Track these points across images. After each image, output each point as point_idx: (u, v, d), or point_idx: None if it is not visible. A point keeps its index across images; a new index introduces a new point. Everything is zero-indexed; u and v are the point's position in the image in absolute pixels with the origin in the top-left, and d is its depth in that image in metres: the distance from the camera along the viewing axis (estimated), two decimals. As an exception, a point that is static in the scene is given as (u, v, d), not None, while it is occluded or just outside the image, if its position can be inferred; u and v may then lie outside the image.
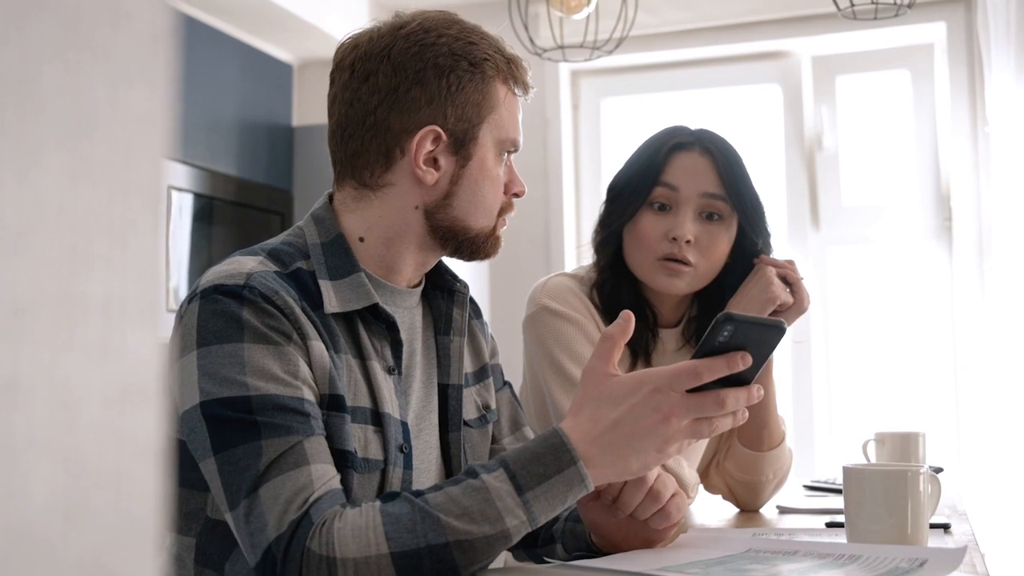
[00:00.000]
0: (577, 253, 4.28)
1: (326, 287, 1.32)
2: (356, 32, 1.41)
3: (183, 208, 3.19)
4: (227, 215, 3.39)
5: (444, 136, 1.35)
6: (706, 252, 1.85)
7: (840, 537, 1.43)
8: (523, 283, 2.56)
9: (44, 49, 0.39)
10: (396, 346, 1.37)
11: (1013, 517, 3.47)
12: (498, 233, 1.43)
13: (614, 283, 1.89)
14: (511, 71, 1.40)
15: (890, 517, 1.35)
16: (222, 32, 3.55)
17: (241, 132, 3.53)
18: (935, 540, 1.46)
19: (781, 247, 4.15)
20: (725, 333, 1.14)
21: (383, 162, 1.37)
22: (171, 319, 1.30)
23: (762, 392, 1.20)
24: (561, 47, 3.11)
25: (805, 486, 2.20)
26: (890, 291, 4.15)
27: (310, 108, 4.28)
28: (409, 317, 1.43)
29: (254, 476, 1.15)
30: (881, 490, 1.36)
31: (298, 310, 1.26)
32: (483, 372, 1.55)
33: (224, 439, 1.18)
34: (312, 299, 1.30)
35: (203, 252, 3.28)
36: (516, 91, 1.42)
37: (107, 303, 0.40)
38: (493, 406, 1.55)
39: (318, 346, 1.26)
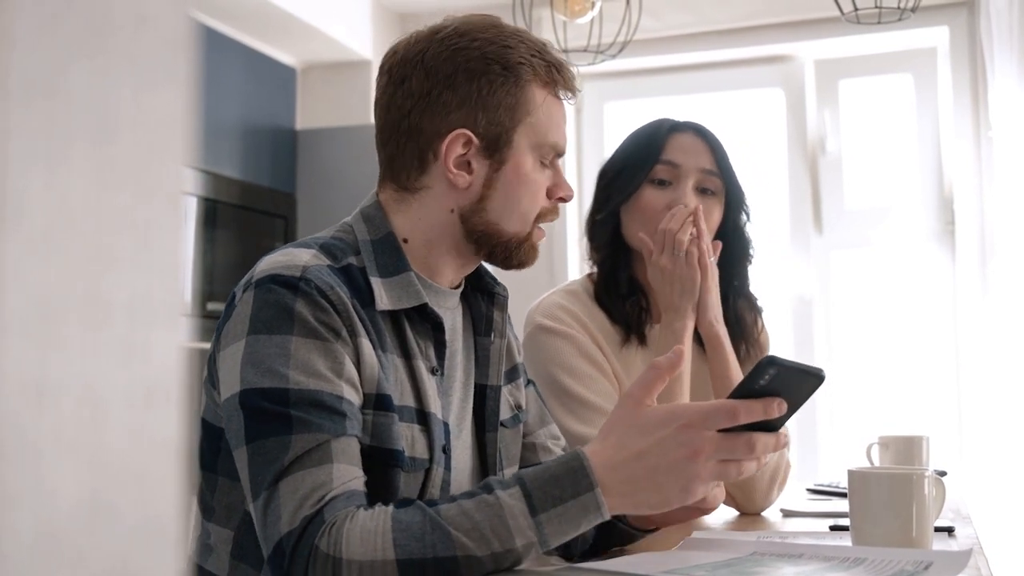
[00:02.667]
0: (580, 252, 4.29)
1: (377, 284, 1.32)
2: (403, 37, 1.44)
3: (187, 211, 3.20)
4: (230, 218, 3.39)
5: (475, 139, 1.35)
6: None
7: (844, 540, 1.43)
8: (525, 288, 2.56)
9: (70, 52, 0.39)
10: (440, 347, 1.38)
11: (1017, 520, 3.47)
12: (533, 241, 1.42)
13: (612, 262, 1.96)
14: (551, 75, 1.39)
15: (895, 520, 1.35)
16: (226, 35, 3.56)
17: (244, 135, 3.53)
18: (939, 543, 1.47)
19: (783, 251, 4.15)
20: (766, 377, 1.11)
21: (418, 165, 1.38)
22: (184, 323, 1.30)
23: (788, 440, 1.18)
24: (564, 51, 3.11)
25: (808, 489, 2.20)
26: (893, 295, 4.15)
27: (313, 111, 4.29)
28: (451, 318, 1.44)
29: (277, 469, 1.16)
30: (886, 493, 1.36)
31: (350, 306, 1.27)
32: (514, 371, 1.56)
33: (257, 430, 1.19)
34: (362, 296, 1.31)
35: (207, 255, 3.29)
36: (559, 95, 1.41)
37: (131, 304, 0.41)
38: (524, 404, 1.56)
39: (367, 345, 1.27)
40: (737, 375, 1.94)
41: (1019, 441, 3.54)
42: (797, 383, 1.14)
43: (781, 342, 2.38)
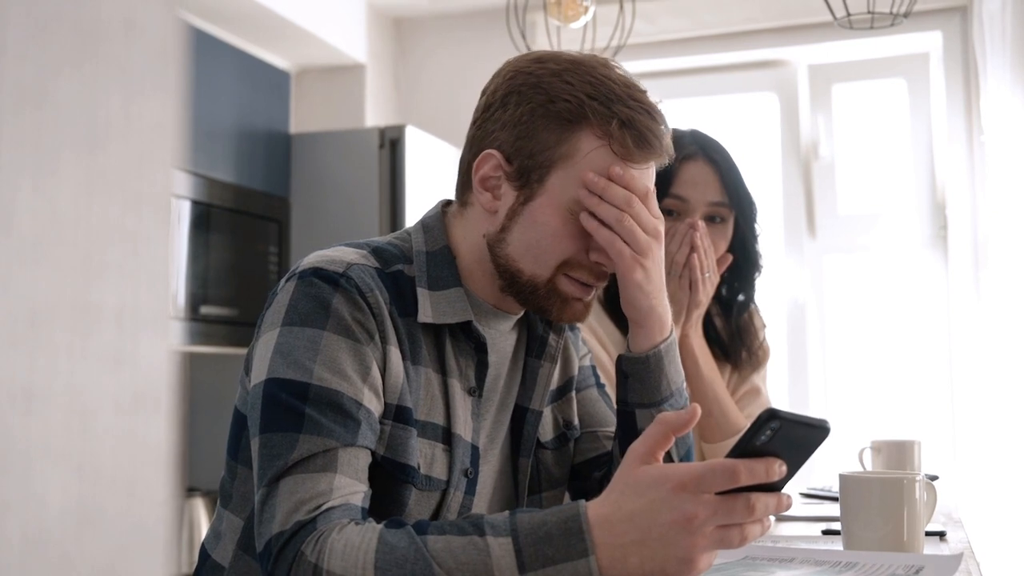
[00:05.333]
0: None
1: (423, 296, 1.31)
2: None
3: (180, 215, 3.19)
4: (224, 222, 3.39)
5: (504, 164, 1.31)
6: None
7: (836, 544, 1.44)
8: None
9: (60, 61, 0.40)
10: (482, 367, 1.35)
11: (1008, 525, 3.48)
12: (563, 290, 1.33)
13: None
14: (611, 129, 1.28)
15: (886, 525, 1.35)
16: (220, 40, 3.56)
17: (239, 139, 3.53)
18: (931, 548, 1.47)
19: (777, 255, 4.16)
20: (768, 432, 1.00)
21: (466, 178, 1.36)
22: (177, 327, 1.32)
23: (792, 501, 1.07)
24: (558, 55, 3.11)
25: (802, 494, 2.21)
26: (886, 299, 4.15)
27: (308, 115, 4.29)
28: (502, 341, 1.40)
29: (280, 467, 1.16)
30: (877, 498, 1.36)
31: (386, 312, 1.26)
32: (568, 385, 1.51)
33: (270, 421, 1.19)
34: (404, 304, 1.30)
35: (200, 259, 3.28)
36: (620, 154, 1.29)
37: (120, 311, 0.41)
38: (575, 421, 1.51)
39: (396, 354, 1.26)
40: (712, 373, 2.00)
41: (1012, 446, 3.55)
42: (800, 437, 1.04)
43: (775, 346, 2.39)
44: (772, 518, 1.89)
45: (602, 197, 1.28)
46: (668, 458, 1.39)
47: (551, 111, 1.29)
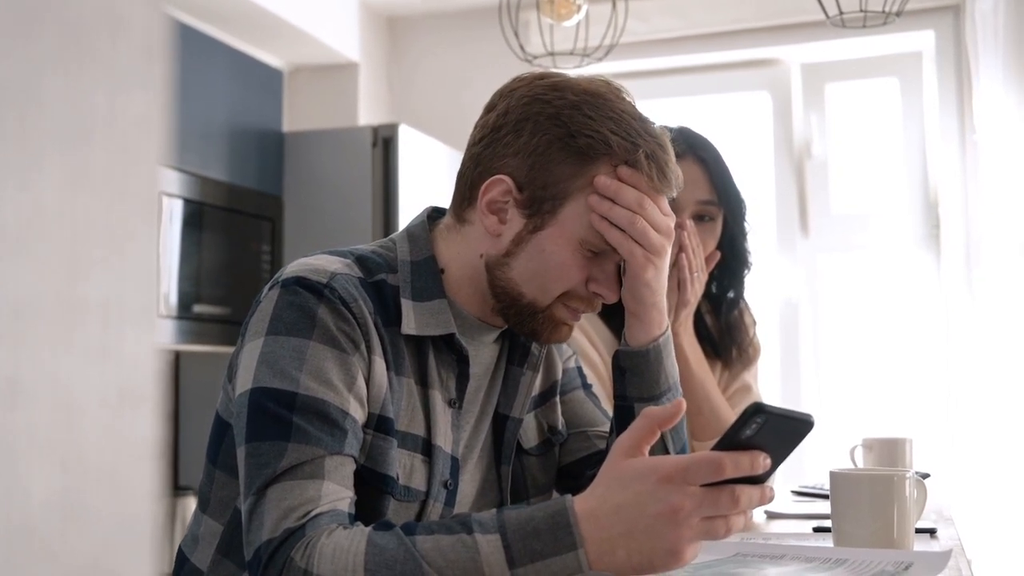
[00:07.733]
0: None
1: (407, 307, 1.31)
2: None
3: (173, 213, 3.19)
4: (217, 221, 3.39)
5: (515, 191, 1.30)
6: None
7: (827, 541, 1.44)
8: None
9: (45, 58, 0.40)
10: (463, 379, 1.35)
11: (1001, 522, 3.48)
12: (555, 314, 1.34)
13: None
14: (637, 158, 1.30)
15: (876, 521, 1.36)
16: (213, 38, 3.56)
17: (232, 138, 3.53)
18: (921, 544, 1.48)
19: (770, 254, 4.17)
20: (753, 426, 1.03)
21: (468, 196, 1.35)
22: (164, 324, 1.31)
23: (775, 494, 1.09)
24: (551, 54, 3.12)
25: (793, 491, 2.21)
26: (879, 298, 4.16)
27: (301, 114, 4.28)
28: (484, 352, 1.40)
29: (268, 475, 1.16)
30: (867, 494, 1.37)
31: (371, 322, 1.26)
32: (551, 391, 1.51)
33: (257, 430, 1.19)
34: (387, 314, 1.29)
35: (193, 258, 3.28)
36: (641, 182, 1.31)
37: (105, 306, 0.41)
38: (560, 426, 1.51)
39: (380, 364, 1.26)
40: (702, 371, 2.00)
41: (1006, 444, 3.55)
42: (785, 430, 1.07)
43: (768, 345, 2.40)
44: (764, 512, 1.90)
45: (615, 200, 1.29)
46: (664, 452, 1.40)
47: (570, 145, 1.29)
